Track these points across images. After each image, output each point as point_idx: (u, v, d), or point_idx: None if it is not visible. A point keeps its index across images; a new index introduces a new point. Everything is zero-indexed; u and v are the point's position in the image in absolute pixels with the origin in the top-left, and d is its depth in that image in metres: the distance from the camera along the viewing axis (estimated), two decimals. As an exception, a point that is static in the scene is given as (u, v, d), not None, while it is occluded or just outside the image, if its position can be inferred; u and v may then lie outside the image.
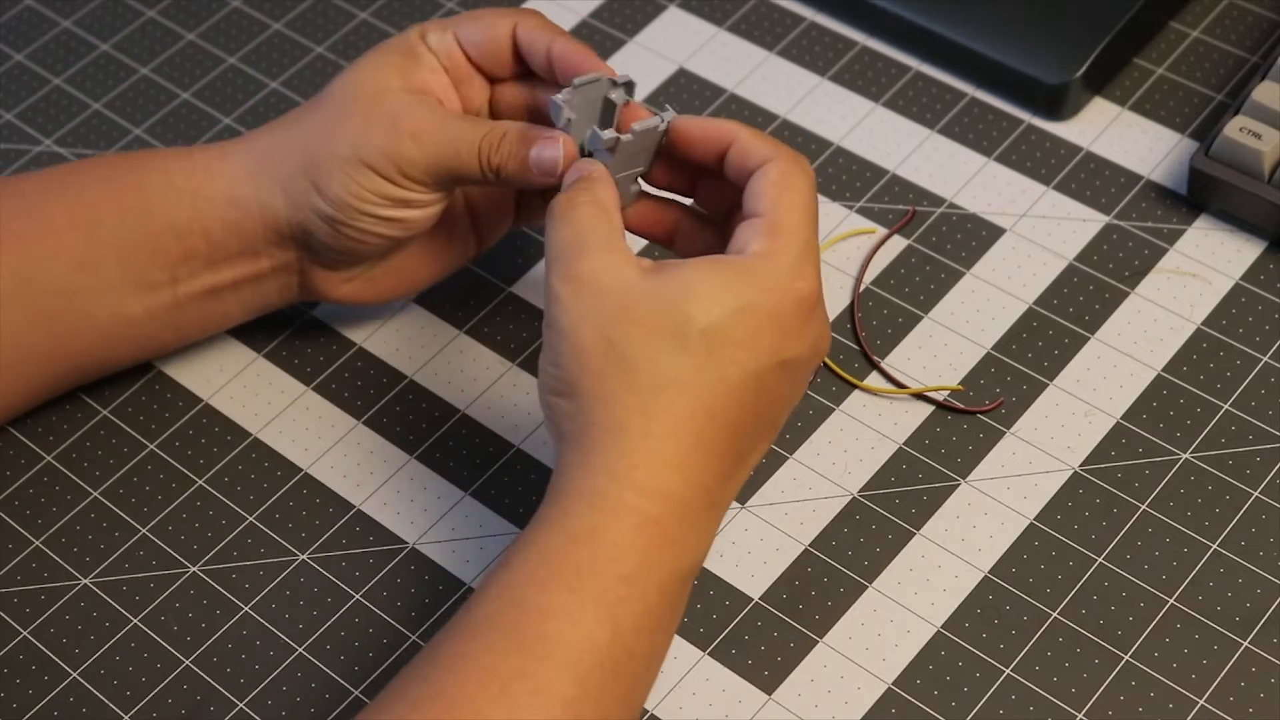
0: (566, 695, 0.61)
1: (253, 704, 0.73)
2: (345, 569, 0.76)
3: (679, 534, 0.65)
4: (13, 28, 0.98)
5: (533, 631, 0.62)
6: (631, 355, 0.65)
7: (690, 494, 0.65)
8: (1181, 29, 0.92)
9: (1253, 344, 0.80)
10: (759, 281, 0.66)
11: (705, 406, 0.65)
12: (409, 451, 0.80)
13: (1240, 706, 0.70)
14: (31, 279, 0.75)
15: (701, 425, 0.65)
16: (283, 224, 0.76)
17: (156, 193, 0.76)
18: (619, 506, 0.64)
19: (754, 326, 0.65)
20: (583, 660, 0.62)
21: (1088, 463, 0.77)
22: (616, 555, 0.64)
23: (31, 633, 0.75)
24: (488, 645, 0.62)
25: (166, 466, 0.80)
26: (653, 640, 0.64)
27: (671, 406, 0.65)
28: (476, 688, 0.61)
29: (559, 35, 0.75)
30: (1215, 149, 0.83)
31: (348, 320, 0.84)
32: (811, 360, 0.68)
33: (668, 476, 0.65)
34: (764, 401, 0.66)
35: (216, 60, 0.96)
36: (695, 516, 0.65)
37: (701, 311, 0.65)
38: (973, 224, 0.85)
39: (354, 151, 0.73)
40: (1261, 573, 0.73)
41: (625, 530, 0.64)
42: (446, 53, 0.76)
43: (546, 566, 0.64)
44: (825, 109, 0.90)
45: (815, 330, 0.67)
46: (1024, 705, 0.71)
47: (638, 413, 0.65)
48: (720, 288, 0.65)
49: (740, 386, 0.65)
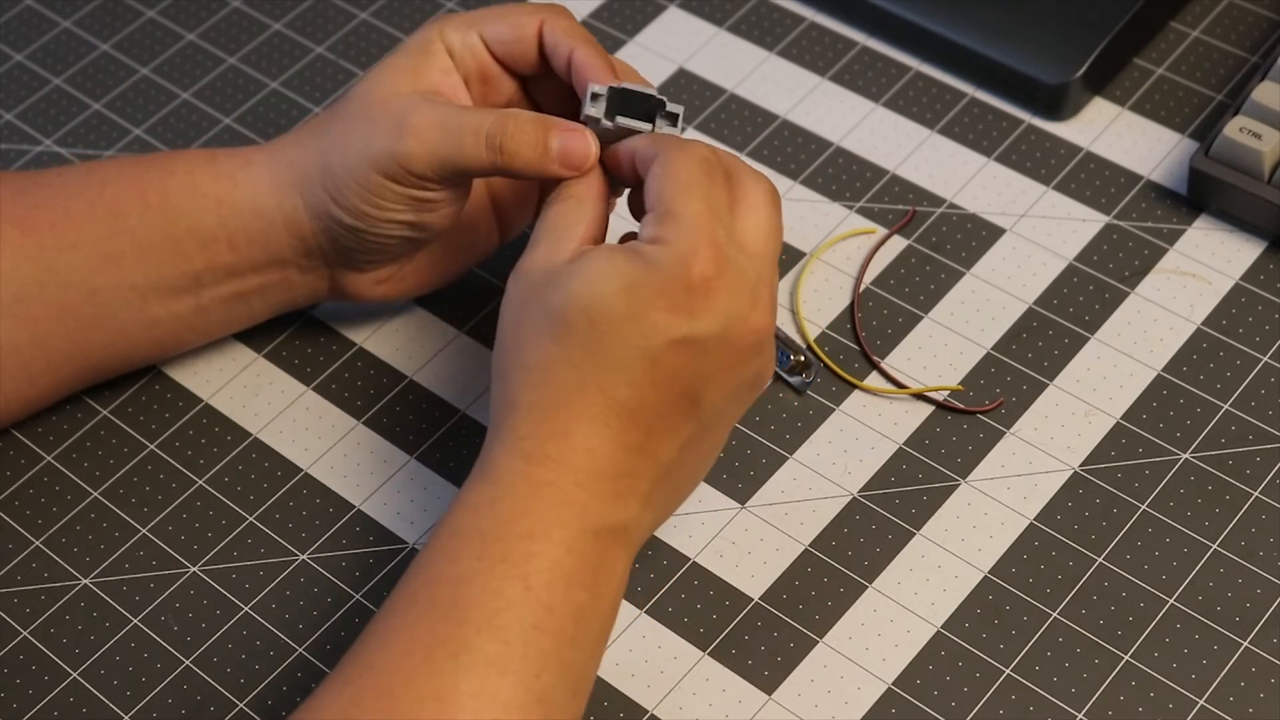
0: (489, 654, 0.63)
1: (253, 704, 0.73)
2: (345, 569, 0.76)
3: (578, 496, 0.66)
4: (13, 28, 0.98)
5: (447, 599, 0.64)
6: (524, 335, 0.68)
7: (585, 460, 0.67)
8: (1181, 29, 0.92)
9: (1253, 344, 0.80)
10: (646, 263, 0.67)
11: (593, 381, 0.67)
12: (409, 451, 0.80)
13: (1240, 706, 0.70)
14: (53, 269, 0.76)
15: (590, 398, 0.67)
16: (308, 235, 0.77)
17: (179, 195, 0.77)
18: (511, 474, 0.67)
19: (640, 304, 0.66)
20: (499, 617, 0.64)
21: (1088, 463, 0.77)
22: (514, 518, 0.66)
23: (31, 633, 0.75)
24: (409, 619, 0.65)
25: (166, 466, 0.80)
26: (570, 596, 0.65)
27: (557, 381, 0.67)
28: (403, 658, 0.63)
29: (581, 41, 0.75)
30: (1215, 149, 0.83)
31: (348, 320, 0.84)
32: (725, 338, 0.67)
33: (557, 445, 0.67)
34: (664, 377, 0.67)
35: (216, 60, 0.96)
36: (594, 481, 0.67)
37: (587, 291, 0.67)
38: (973, 224, 0.85)
39: (362, 158, 0.74)
40: (1261, 573, 0.73)
41: (520, 494, 0.66)
42: (472, 52, 0.76)
43: (456, 539, 0.66)
44: (825, 109, 0.90)
45: (721, 308, 0.67)
46: (1024, 705, 0.71)
47: (526, 388, 0.68)
48: (608, 269, 0.67)
49: (631, 362, 0.67)
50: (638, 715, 0.72)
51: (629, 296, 0.66)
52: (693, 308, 0.67)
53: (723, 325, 0.67)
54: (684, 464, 0.70)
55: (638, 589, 0.75)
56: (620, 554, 0.68)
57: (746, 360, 0.69)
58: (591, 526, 0.67)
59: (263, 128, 0.92)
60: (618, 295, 0.66)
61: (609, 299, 0.66)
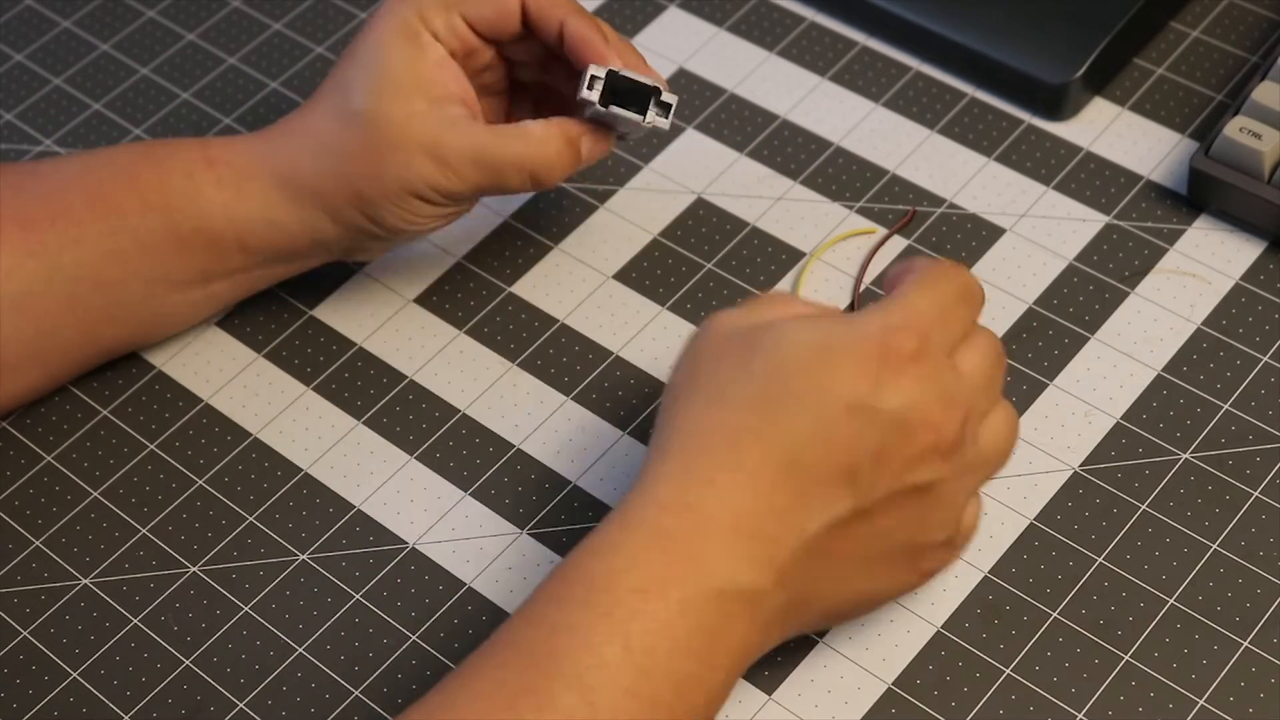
0: (575, 714, 0.60)
1: (253, 704, 0.73)
2: (345, 569, 0.76)
3: (703, 551, 0.63)
4: (13, 28, 0.98)
5: (543, 647, 0.62)
6: (698, 382, 0.65)
7: (723, 513, 0.63)
8: (1181, 29, 0.92)
9: (1253, 344, 0.80)
10: (845, 327, 0.64)
11: (755, 431, 0.63)
12: (409, 451, 0.80)
13: (1240, 706, 0.70)
14: (59, 264, 0.76)
15: (747, 448, 0.63)
16: (331, 241, 0.79)
17: (180, 197, 0.77)
18: (639, 520, 0.63)
19: (828, 362, 0.63)
20: (590, 675, 0.61)
21: (1088, 463, 0.77)
22: (630, 568, 0.62)
23: (31, 633, 0.75)
24: (500, 660, 0.62)
25: (166, 466, 0.80)
26: (674, 663, 0.62)
27: (717, 426, 0.64)
28: (484, 701, 0.61)
29: (571, 12, 0.75)
30: (1215, 149, 0.83)
31: (348, 320, 0.84)
32: (903, 421, 0.63)
33: (697, 493, 0.63)
34: (831, 442, 0.63)
35: (216, 60, 0.96)
36: (724, 536, 0.63)
37: (778, 342, 0.64)
38: (973, 224, 0.85)
39: (401, 188, 0.76)
40: (1261, 573, 0.73)
41: (640, 542, 0.63)
42: (456, 34, 0.77)
43: (564, 582, 0.63)
44: (825, 109, 0.90)
45: (909, 388, 0.63)
46: (1024, 705, 0.71)
47: (682, 433, 0.64)
48: (807, 326, 0.65)
49: (801, 418, 0.63)
50: (638, 715, 0.72)
51: (819, 353, 0.64)
52: (880, 378, 0.63)
53: (905, 406, 0.63)
54: (832, 551, 0.65)
55: (638, 589, 0.75)
56: (743, 625, 0.64)
57: (918, 460, 0.64)
58: (715, 587, 0.63)
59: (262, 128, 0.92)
60: (808, 349, 0.64)
61: (798, 351, 0.64)
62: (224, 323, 0.84)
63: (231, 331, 0.84)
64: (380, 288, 0.85)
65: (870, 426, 0.63)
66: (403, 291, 0.85)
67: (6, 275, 0.75)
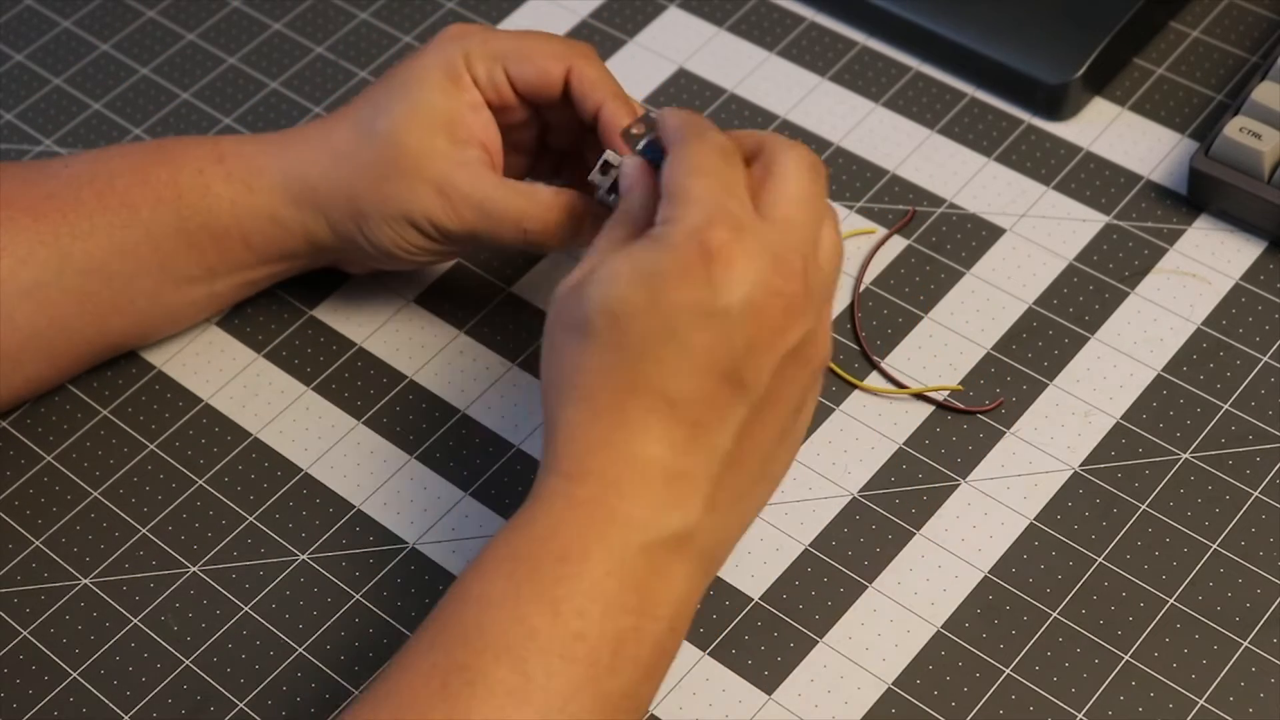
0: (508, 684, 0.61)
1: (253, 704, 0.73)
2: (345, 569, 0.76)
3: (623, 509, 0.63)
4: (13, 28, 0.98)
5: (472, 624, 0.62)
6: (556, 353, 0.66)
7: (629, 469, 0.64)
8: (1181, 29, 0.92)
9: (1253, 344, 0.80)
10: (658, 245, 0.64)
11: (625, 382, 0.64)
12: (409, 451, 0.80)
13: (1240, 706, 0.70)
14: (69, 255, 0.77)
15: (626, 401, 0.64)
16: (328, 246, 0.79)
17: (191, 192, 0.78)
18: (551, 493, 0.64)
19: (658, 288, 0.63)
20: (520, 646, 0.61)
21: (1088, 463, 0.77)
22: (549, 535, 0.63)
23: (31, 633, 0.75)
24: (430, 643, 0.63)
25: (166, 466, 0.80)
26: (609, 622, 0.62)
27: (591, 391, 0.64)
28: (421, 684, 0.62)
29: (611, 96, 0.76)
30: (1215, 149, 0.83)
31: (348, 320, 0.84)
32: (752, 306, 0.64)
33: (598, 458, 0.64)
34: (698, 360, 0.63)
35: (216, 60, 0.96)
36: (642, 491, 0.64)
37: (604, 291, 0.64)
38: (973, 224, 0.85)
39: (399, 213, 0.76)
40: (1261, 573, 0.73)
41: (557, 513, 0.64)
42: (495, 87, 0.77)
43: (488, 560, 0.64)
44: (825, 109, 0.90)
45: (742, 275, 0.63)
46: (1024, 705, 0.71)
47: (564, 405, 0.65)
48: (621, 263, 0.64)
49: (661, 352, 0.63)
50: (638, 715, 0.72)
51: (646, 284, 0.63)
52: (712, 279, 0.63)
53: (747, 293, 0.63)
54: (747, 454, 0.66)
55: (638, 589, 0.75)
56: (680, 569, 0.64)
57: (783, 329, 0.64)
58: (642, 541, 0.63)
59: (263, 128, 0.92)
60: (634, 285, 0.64)
61: (626, 291, 0.64)
62: (224, 323, 0.84)
63: (231, 331, 0.84)
64: (380, 288, 0.85)
65: (729, 327, 0.63)
66: (403, 291, 0.85)
67: (19, 264, 0.76)
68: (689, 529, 0.64)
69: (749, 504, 0.68)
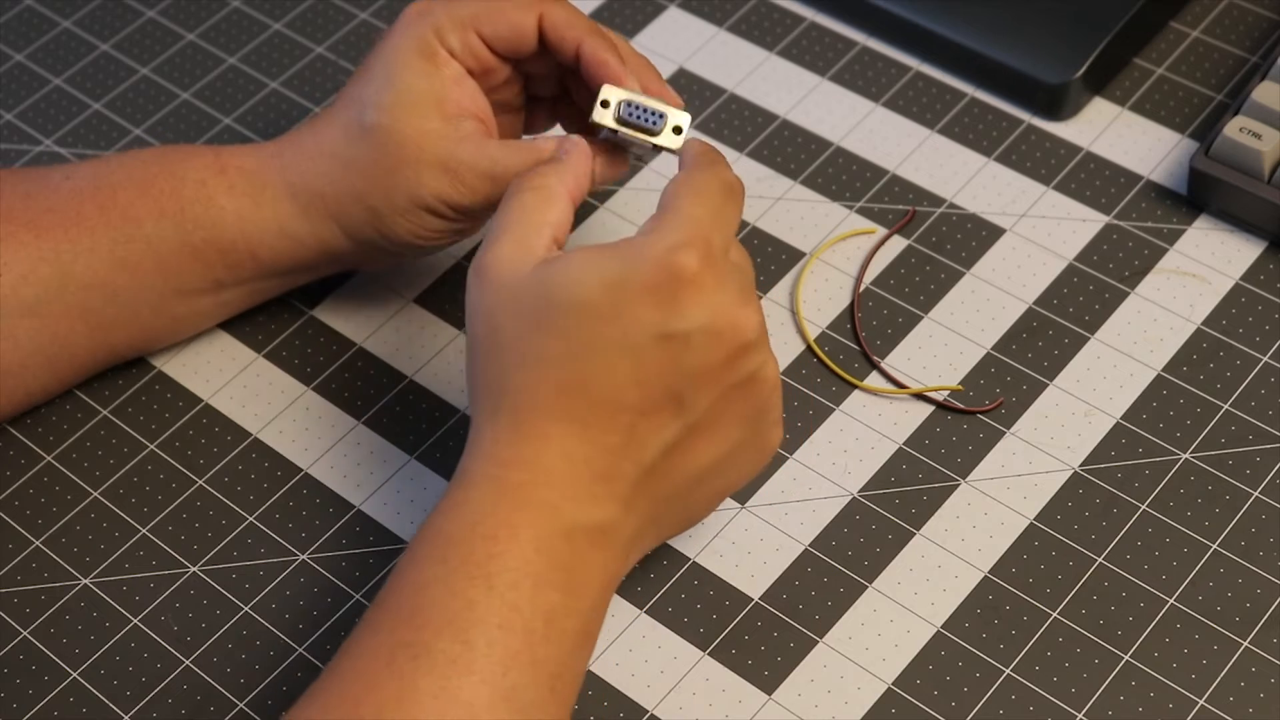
0: (450, 654, 0.62)
1: (253, 704, 0.73)
2: (345, 569, 0.76)
3: (547, 498, 0.65)
4: (13, 28, 0.98)
5: (410, 604, 0.64)
6: (504, 341, 0.67)
7: (560, 464, 0.66)
8: (1181, 29, 0.92)
9: (1253, 344, 0.80)
10: (631, 258, 0.66)
11: (575, 381, 0.65)
12: (409, 451, 0.80)
13: (1240, 706, 0.70)
14: (71, 271, 0.76)
15: (571, 400, 0.66)
16: (342, 254, 0.79)
17: (194, 205, 0.77)
18: (481, 478, 0.66)
19: (625, 300, 0.65)
20: (460, 618, 0.63)
21: (1088, 463, 0.77)
22: (479, 519, 0.65)
23: (31, 633, 0.75)
24: (374, 626, 0.64)
25: (166, 466, 0.80)
26: (540, 596, 0.64)
27: (535, 384, 0.66)
28: (367, 664, 0.63)
29: (587, 33, 0.76)
30: (1215, 149, 0.83)
31: (348, 320, 0.84)
32: (711, 332, 0.66)
33: (533, 448, 0.66)
34: (648, 375, 0.66)
35: (216, 60, 0.96)
36: (568, 485, 0.66)
37: (567, 292, 0.65)
38: (973, 224, 0.85)
39: (412, 203, 0.76)
40: (1261, 573, 0.73)
41: (488, 497, 0.65)
42: (472, 52, 0.77)
43: (424, 544, 0.66)
44: (825, 109, 0.90)
45: (708, 302, 0.65)
46: (1024, 705, 0.71)
47: (508, 393, 0.66)
48: (591, 267, 0.66)
49: (615, 361, 0.65)
50: (638, 715, 0.72)
51: (614, 292, 0.65)
52: (678, 300, 0.65)
53: (709, 319, 0.66)
54: (674, 470, 0.68)
55: (637, 589, 0.75)
56: (598, 557, 0.67)
57: (735, 361, 0.67)
58: (563, 528, 0.66)
59: (263, 128, 0.92)
60: (602, 292, 0.65)
61: (593, 296, 0.65)
62: (224, 323, 0.84)
63: (231, 331, 0.84)
64: (380, 288, 0.85)
65: (682, 350, 0.66)
66: (403, 291, 0.85)
67: (20, 281, 0.75)
68: (605, 525, 0.67)
69: (671, 519, 0.70)
